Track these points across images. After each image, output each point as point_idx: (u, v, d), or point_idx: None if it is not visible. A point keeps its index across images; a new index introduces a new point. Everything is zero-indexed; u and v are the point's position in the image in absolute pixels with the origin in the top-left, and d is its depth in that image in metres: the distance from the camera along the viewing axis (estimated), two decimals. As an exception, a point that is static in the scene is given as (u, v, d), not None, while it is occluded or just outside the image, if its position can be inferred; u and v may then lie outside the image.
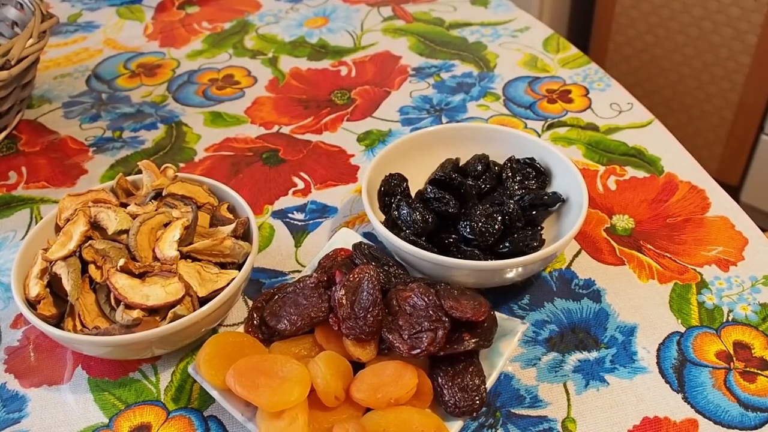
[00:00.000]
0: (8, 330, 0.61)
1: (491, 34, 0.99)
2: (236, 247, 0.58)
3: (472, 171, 0.67)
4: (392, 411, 0.48)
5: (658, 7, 1.64)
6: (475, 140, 0.70)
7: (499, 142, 0.69)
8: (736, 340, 0.57)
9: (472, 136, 0.70)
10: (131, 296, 0.53)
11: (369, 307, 0.51)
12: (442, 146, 0.70)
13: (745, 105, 1.61)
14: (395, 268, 0.57)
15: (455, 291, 0.53)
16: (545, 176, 0.67)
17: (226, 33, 1.03)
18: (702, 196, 0.71)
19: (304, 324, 0.53)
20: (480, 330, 0.51)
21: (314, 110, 0.86)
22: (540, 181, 0.67)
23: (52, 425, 0.54)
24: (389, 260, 0.58)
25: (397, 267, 0.58)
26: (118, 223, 0.58)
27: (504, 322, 0.54)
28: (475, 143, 0.70)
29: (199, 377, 0.51)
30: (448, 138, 0.70)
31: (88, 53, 1.00)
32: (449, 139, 0.70)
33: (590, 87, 0.87)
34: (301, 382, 0.48)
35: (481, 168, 0.67)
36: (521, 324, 0.54)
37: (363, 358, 0.51)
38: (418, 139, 0.69)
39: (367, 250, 0.58)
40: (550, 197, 0.63)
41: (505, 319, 0.54)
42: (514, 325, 0.54)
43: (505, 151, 0.68)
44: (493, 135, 0.70)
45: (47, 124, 0.86)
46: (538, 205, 0.63)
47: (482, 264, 0.56)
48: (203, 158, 0.79)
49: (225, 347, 0.51)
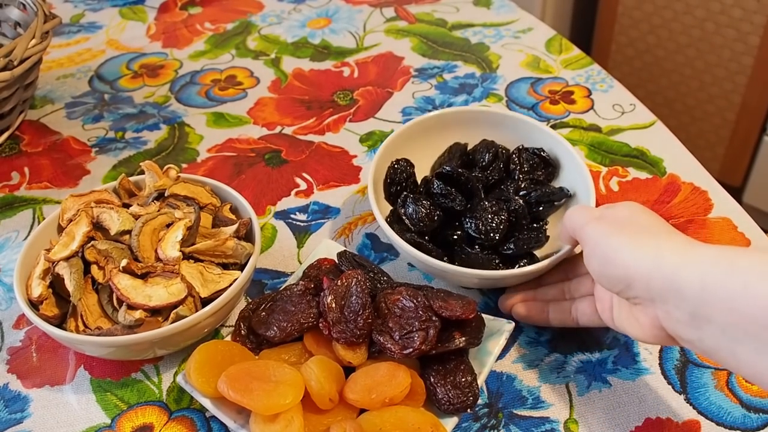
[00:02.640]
0: (11, 330, 0.61)
1: (494, 35, 0.99)
2: (239, 248, 0.58)
3: (480, 159, 0.67)
4: (387, 410, 0.48)
5: (661, 9, 1.64)
6: (484, 125, 0.69)
7: (508, 128, 0.68)
8: (739, 341, 0.57)
9: (481, 120, 0.69)
10: (134, 297, 0.53)
11: (359, 311, 0.51)
12: (451, 130, 0.69)
13: (747, 106, 1.60)
14: (380, 275, 0.58)
15: (442, 293, 0.54)
16: (553, 168, 0.67)
17: (229, 34, 1.03)
18: (704, 198, 0.70)
19: (294, 330, 0.52)
20: (469, 329, 0.52)
21: (317, 111, 0.86)
22: (548, 173, 0.66)
23: (55, 426, 0.54)
24: (374, 268, 0.58)
25: (382, 274, 0.58)
26: (120, 224, 0.58)
27: (491, 323, 0.54)
28: (484, 128, 0.69)
29: (189, 386, 0.51)
30: (456, 121, 0.69)
31: (91, 54, 1.00)
32: (458, 123, 0.69)
33: (593, 88, 0.87)
34: (295, 385, 0.48)
35: (489, 157, 0.66)
36: (507, 324, 0.54)
37: (354, 361, 0.51)
38: (427, 122, 0.68)
39: (351, 257, 0.59)
40: (557, 193, 0.63)
41: (491, 320, 0.55)
42: (501, 325, 0.54)
43: (514, 138, 0.68)
44: (503, 121, 0.69)
45: (50, 124, 0.86)
46: (545, 202, 0.63)
47: (487, 273, 0.56)
48: (206, 159, 0.79)
49: (215, 355, 0.51)
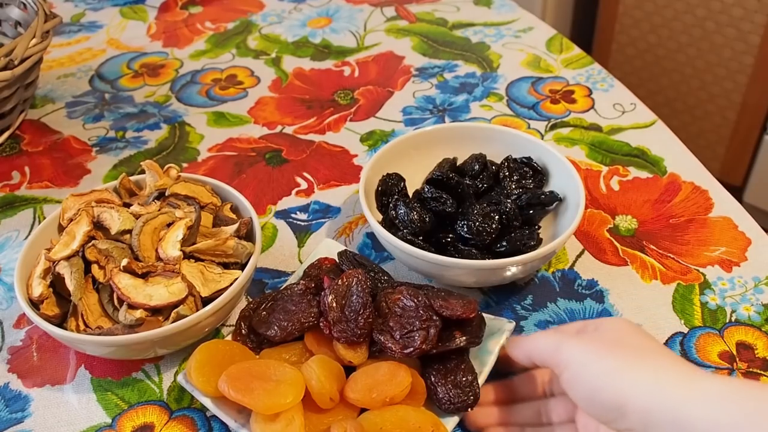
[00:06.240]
0: (11, 330, 0.61)
1: (494, 34, 0.99)
2: (239, 247, 0.58)
3: (469, 170, 0.67)
4: (388, 410, 0.48)
5: (662, 8, 1.64)
6: (472, 140, 0.70)
7: (496, 141, 0.69)
8: (739, 340, 0.57)
9: (469, 135, 0.70)
10: (134, 296, 0.53)
11: (359, 310, 0.51)
12: (440, 146, 0.70)
13: (748, 105, 1.60)
14: (381, 274, 0.58)
15: (442, 292, 0.54)
16: (542, 175, 0.67)
17: (230, 33, 1.03)
18: (705, 197, 0.70)
19: (295, 329, 0.52)
20: (470, 328, 0.52)
21: (317, 110, 0.86)
22: (537, 180, 0.67)
23: (55, 425, 0.54)
24: (375, 266, 0.58)
25: (382, 273, 0.58)
26: (121, 223, 0.58)
27: (491, 322, 0.54)
28: (472, 143, 0.70)
29: (190, 386, 0.51)
30: (445, 137, 0.70)
31: (92, 53, 1.00)
32: (447, 139, 0.70)
33: (593, 87, 0.87)
34: (296, 384, 0.48)
35: (478, 167, 0.67)
36: (508, 323, 0.54)
37: (355, 360, 0.51)
38: (415, 138, 0.69)
39: (352, 257, 0.59)
40: (547, 196, 0.63)
41: (492, 319, 0.55)
42: (501, 324, 0.54)
43: (502, 151, 0.68)
44: (491, 134, 0.70)
45: (50, 124, 0.86)
46: (536, 204, 0.63)
47: (480, 263, 0.56)
48: (206, 158, 0.79)
49: (215, 355, 0.51)
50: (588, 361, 0.42)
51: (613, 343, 0.42)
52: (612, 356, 0.41)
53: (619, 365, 0.40)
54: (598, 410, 0.41)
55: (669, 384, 0.38)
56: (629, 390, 0.39)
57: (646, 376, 0.39)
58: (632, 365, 0.40)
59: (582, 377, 0.42)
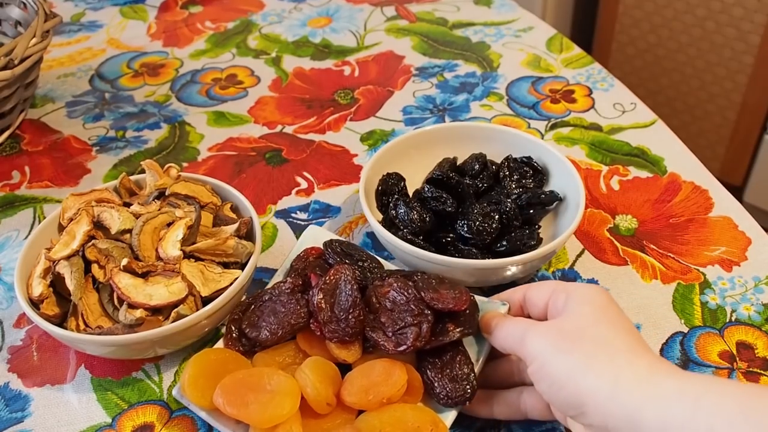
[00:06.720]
0: (11, 329, 0.61)
1: (494, 33, 0.99)
2: (239, 247, 0.58)
3: (469, 170, 0.67)
4: (386, 410, 0.48)
5: (662, 8, 1.64)
6: (472, 139, 0.70)
7: (496, 141, 0.69)
8: (739, 340, 0.57)
9: (469, 135, 0.70)
10: (134, 296, 0.53)
11: (349, 308, 0.51)
12: (440, 146, 0.70)
13: (748, 105, 1.60)
14: (369, 263, 0.57)
15: (433, 281, 0.53)
16: (542, 175, 0.67)
17: (230, 33, 1.03)
18: (705, 197, 0.70)
19: (286, 333, 0.52)
20: (463, 318, 0.51)
21: (317, 110, 0.86)
22: (537, 180, 0.67)
23: (55, 425, 0.54)
24: (362, 255, 0.57)
25: (371, 261, 0.57)
26: (121, 223, 0.58)
27: (485, 305, 0.53)
28: (472, 142, 0.69)
29: (185, 400, 0.50)
30: (445, 137, 0.70)
31: (92, 53, 1.00)
32: (447, 139, 0.70)
33: (593, 87, 0.87)
34: (291, 393, 0.47)
35: (478, 167, 0.67)
36: (502, 305, 0.53)
37: (349, 359, 0.51)
38: (415, 138, 0.69)
39: (338, 247, 0.57)
40: (547, 196, 0.63)
41: (486, 302, 0.53)
42: (496, 306, 0.53)
43: (502, 150, 0.68)
44: (491, 134, 0.70)
45: (50, 123, 0.86)
46: (536, 204, 0.63)
47: (480, 263, 0.56)
48: (206, 158, 0.79)
49: (208, 366, 0.50)
50: (551, 356, 0.43)
51: (576, 336, 0.43)
52: (574, 352, 0.42)
53: (580, 365, 0.41)
54: (561, 405, 0.43)
55: (626, 386, 0.40)
56: (587, 391, 0.40)
57: (604, 378, 0.40)
58: (591, 365, 0.41)
59: (545, 372, 0.43)
